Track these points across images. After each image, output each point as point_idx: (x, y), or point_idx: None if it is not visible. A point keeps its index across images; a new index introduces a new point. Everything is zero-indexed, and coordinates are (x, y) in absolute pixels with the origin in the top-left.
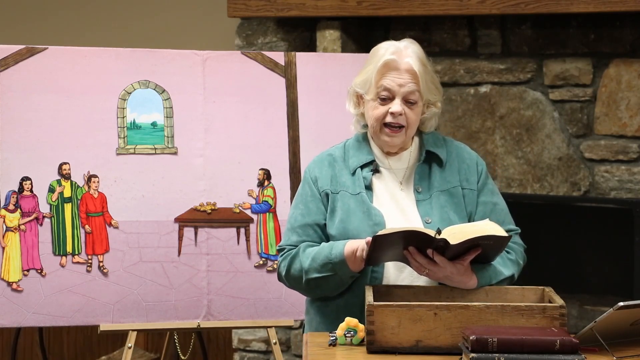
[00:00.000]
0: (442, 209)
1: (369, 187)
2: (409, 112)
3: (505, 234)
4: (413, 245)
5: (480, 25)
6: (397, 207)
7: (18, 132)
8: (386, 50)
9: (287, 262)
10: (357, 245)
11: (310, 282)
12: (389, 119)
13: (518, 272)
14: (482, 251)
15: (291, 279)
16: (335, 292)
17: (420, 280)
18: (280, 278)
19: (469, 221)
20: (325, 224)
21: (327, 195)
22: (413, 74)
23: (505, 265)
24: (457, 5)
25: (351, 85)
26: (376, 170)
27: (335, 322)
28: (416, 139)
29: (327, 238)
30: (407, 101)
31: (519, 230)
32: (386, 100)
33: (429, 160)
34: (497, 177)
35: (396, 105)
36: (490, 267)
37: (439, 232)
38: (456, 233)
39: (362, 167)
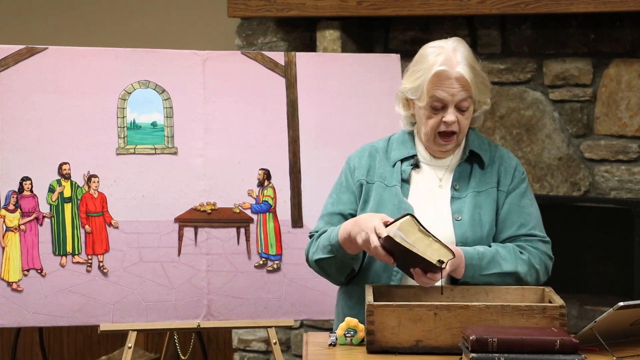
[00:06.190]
0: (474, 209)
1: (406, 181)
2: (461, 118)
3: (441, 260)
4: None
5: (480, 25)
6: (430, 202)
7: (18, 132)
8: (436, 57)
9: (309, 246)
10: (350, 228)
11: (317, 262)
12: (442, 127)
13: (529, 274)
14: None
15: (309, 262)
16: (338, 275)
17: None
18: (307, 262)
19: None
20: (352, 214)
21: (361, 185)
22: (464, 83)
23: (510, 261)
24: (457, 5)
25: (400, 89)
26: (416, 165)
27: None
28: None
29: None
30: (460, 108)
31: (547, 239)
32: (438, 109)
33: (471, 160)
34: None
35: (450, 115)
36: (491, 259)
37: (440, 263)
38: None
39: (403, 160)
